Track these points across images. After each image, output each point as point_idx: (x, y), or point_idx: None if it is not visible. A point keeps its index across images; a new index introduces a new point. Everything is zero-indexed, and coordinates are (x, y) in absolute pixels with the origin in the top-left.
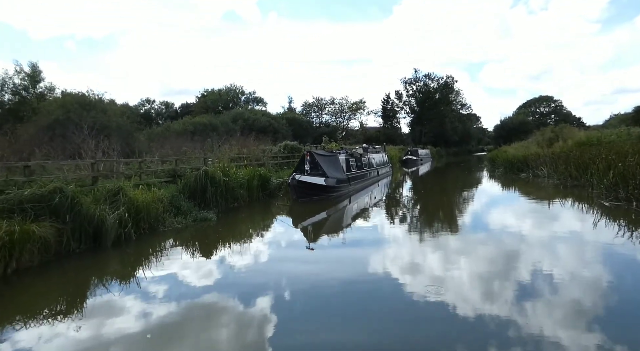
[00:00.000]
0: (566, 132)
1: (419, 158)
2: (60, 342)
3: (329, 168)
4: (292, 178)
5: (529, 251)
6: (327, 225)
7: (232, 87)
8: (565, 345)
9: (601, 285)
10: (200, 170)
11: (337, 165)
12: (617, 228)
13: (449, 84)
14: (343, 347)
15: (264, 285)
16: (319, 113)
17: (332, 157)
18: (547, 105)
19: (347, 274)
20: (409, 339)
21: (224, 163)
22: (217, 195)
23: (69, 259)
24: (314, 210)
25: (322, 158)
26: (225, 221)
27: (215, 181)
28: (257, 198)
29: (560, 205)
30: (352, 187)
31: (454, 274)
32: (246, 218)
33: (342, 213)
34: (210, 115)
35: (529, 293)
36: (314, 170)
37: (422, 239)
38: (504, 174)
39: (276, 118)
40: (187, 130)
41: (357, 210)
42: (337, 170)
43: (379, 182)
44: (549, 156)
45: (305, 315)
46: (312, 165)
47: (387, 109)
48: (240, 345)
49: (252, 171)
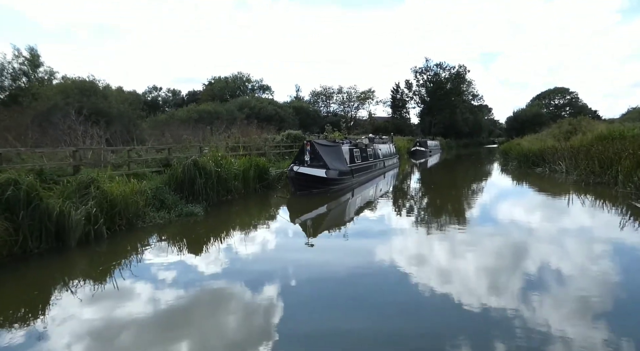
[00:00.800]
0: (585, 124)
1: (427, 150)
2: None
3: (330, 159)
4: (290, 169)
5: (547, 252)
6: (327, 220)
7: (239, 75)
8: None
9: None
10: (188, 160)
11: (339, 156)
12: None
13: (461, 73)
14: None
15: (248, 291)
16: (327, 102)
17: (334, 148)
18: (562, 97)
19: (348, 271)
20: (412, 329)
21: (216, 153)
22: (207, 187)
23: (25, 260)
24: (313, 204)
25: (323, 148)
26: (214, 216)
27: (205, 172)
28: (253, 190)
29: (581, 204)
30: (355, 180)
31: (470, 285)
32: (238, 213)
33: (344, 207)
34: (215, 103)
35: (549, 303)
36: (315, 161)
37: (429, 240)
38: (517, 168)
39: (283, 107)
40: (191, 117)
41: (361, 203)
42: (339, 162)
43: (385, 174)
44: (568, 150)
45: (300, 331)
46: (313, 156)
47: (397, 99)
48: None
49: (249, 161)
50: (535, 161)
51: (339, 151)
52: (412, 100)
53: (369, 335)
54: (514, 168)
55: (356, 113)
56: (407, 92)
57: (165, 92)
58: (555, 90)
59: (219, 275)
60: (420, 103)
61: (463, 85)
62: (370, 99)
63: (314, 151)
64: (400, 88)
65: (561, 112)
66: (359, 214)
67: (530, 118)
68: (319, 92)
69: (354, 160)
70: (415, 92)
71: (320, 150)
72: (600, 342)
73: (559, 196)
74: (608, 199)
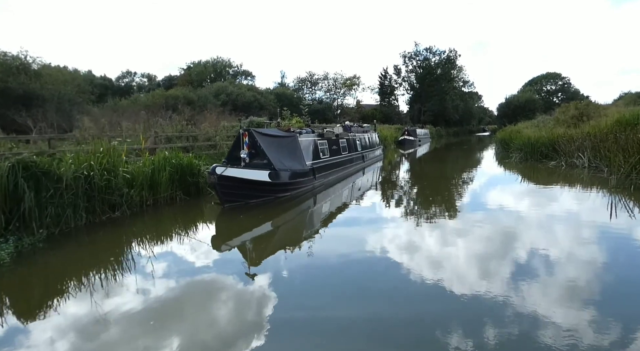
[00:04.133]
0: (592, 109)
1: (417, 139)
2: None
3: (279, 155)
4: (211, 171)
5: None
6: (266, 249)
7: (219, 60)
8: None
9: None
10: (7, 162)
11: (294, 151)
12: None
13: (452, 58)
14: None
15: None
16: (312, 88)
17: (287, 139)
18: (555, 83)
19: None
20: (405, 316)
21: (109, 148)
22: (53, 205)
23: None
24: (251, 220)
25: (269, 140)
26: (39, 261)
27: (52, 179)
28: (168, 200)
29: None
30: (319, 181)
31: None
32: (101, 247)
33: (299, 227)
34: (187, 88)
35: None
36: (256, 158)
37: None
38: (522, 160)
39: (263, 94)
40: (156, 103)
41: (325, 215)
42: (293, 158)
43: (365, 169)
44: (589, 138)
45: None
46: (253, 151)
47: (385, 85)
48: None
49: (164, 159)
50: (545, 152)
51: (293, 144)
52: (401, 86)
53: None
54: (518, 161)
55: (343, 100)
56: (396, 78)
57: (139, 77)
58: (547, 75)
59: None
60: (410, 90)
61: (454, 70)
62: (357, 85)
63: (254, 144)
64: (388, 74)
65: (553, 97)
66: (318, 232)
67: (523, 104)
68: (304, 78)
69: (319, 156)
70: (405, 78)
71: (264, 143)
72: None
73: (597, 203)
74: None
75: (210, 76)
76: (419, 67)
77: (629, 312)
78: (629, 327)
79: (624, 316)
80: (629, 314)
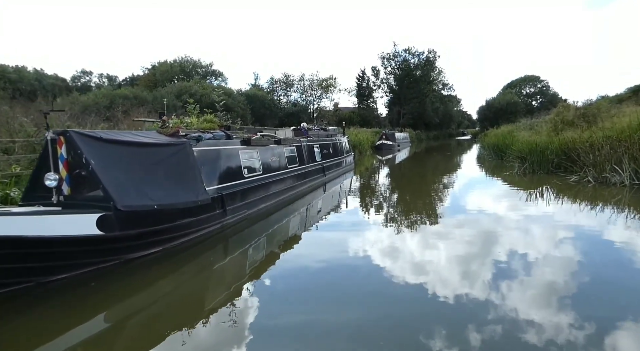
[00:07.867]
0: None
1: (395, 144)
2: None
3: (139, 177)
4: None
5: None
6: None
7: (186, 59)
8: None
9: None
10: None
11: (182, 170)
12: None
13: (431, 59)
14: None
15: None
16: (287, 90)
17: (165, 150)
18: (533, 85)
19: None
20: (387, 320)
21: None
22: None
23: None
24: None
25: (109, 152)
26: None
27: None
28: None
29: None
30: (236, 215)
31: None
32: None
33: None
34: (141, 88)
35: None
36: (86, 186)
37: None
38: (530, 173)
39: (231, 95)
40: (98, 104)
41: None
42: (179, 182)
43: (326, 185)
44: (622, 144)
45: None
46: (79, 173)
47: (362, 87)
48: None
49: None
50: (560, 163)
51: (181, 158)
52: (380, 88)
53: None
54: (521, 173)
55: (319, 103)
56: (375, 79)
57: (97, 77)
58: (525, 78)
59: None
60: (389, 92)
61: (433, 72)
62: (333, 87)
63: (77, 160)
64: (366, 76)
65: (531, 100)
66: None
67: (504, 107)
68: (278, 79)
69: (239, 174)
70: (383, 79)
71: (98, 156)
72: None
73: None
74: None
75: (179, 77)
76: (397, 69)
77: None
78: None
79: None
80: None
